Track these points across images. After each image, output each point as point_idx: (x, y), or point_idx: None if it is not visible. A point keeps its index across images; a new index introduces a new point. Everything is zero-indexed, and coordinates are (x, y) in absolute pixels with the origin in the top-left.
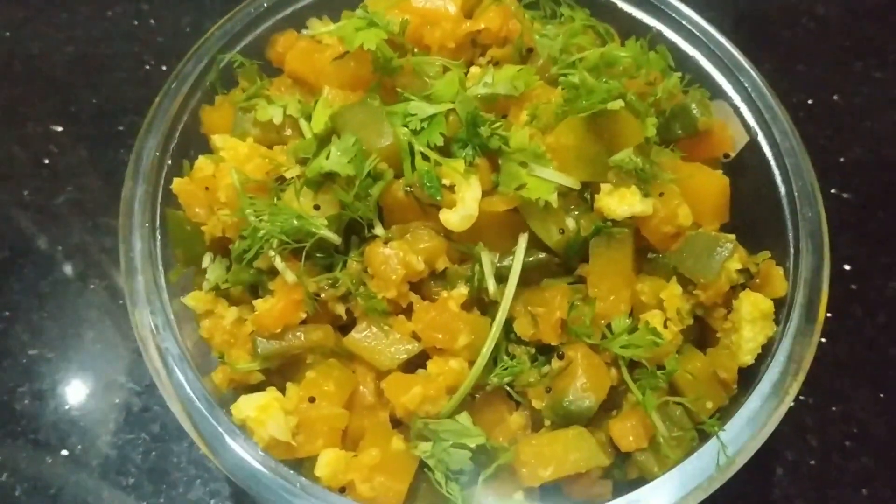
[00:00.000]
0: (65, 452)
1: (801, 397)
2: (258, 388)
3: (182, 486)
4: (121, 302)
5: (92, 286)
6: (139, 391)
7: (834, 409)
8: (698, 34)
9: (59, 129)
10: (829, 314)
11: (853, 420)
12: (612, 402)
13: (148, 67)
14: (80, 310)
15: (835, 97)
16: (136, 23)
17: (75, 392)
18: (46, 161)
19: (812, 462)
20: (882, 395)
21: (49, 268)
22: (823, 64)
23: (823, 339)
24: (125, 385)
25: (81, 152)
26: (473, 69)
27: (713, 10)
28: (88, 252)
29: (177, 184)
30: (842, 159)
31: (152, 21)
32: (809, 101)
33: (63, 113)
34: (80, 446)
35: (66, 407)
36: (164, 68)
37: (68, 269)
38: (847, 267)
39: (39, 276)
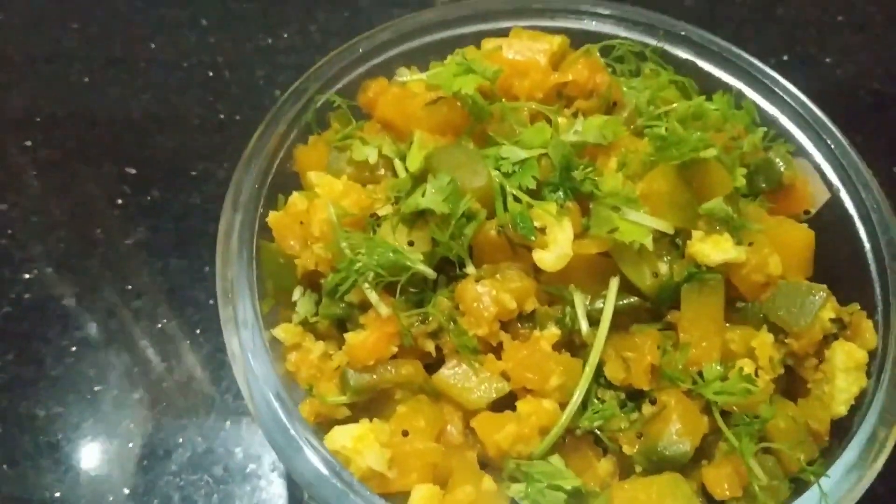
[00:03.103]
0: (126, 491)
1: None
2: (343, 423)
3: None
4: (187, 342)
5: (159, 325)
6: (204, 432)
7: None
8: (780, 93)
9: (133, 171)
10: None
11: None
12: (701, 452)
13: (222, 117)
14: (148, 347)
15: (894, 169)
16: (210, 74)
17: (139, 430)
18: (119, 201)
19: None
20: None
21: (118, 304)
22: (881, 135)
23: None
24: (188, 425)
25: (154, 194)
26: (559, 120)
27: None
28: (157, 291)
29: (272, 217)
30: None
31: (227, 73)
32: None
33: (138, 156)
34: (142, 486)
35: (130, 445)
36: (237, 118)
37: (137, 306)
38: None
39: (109, 312)
